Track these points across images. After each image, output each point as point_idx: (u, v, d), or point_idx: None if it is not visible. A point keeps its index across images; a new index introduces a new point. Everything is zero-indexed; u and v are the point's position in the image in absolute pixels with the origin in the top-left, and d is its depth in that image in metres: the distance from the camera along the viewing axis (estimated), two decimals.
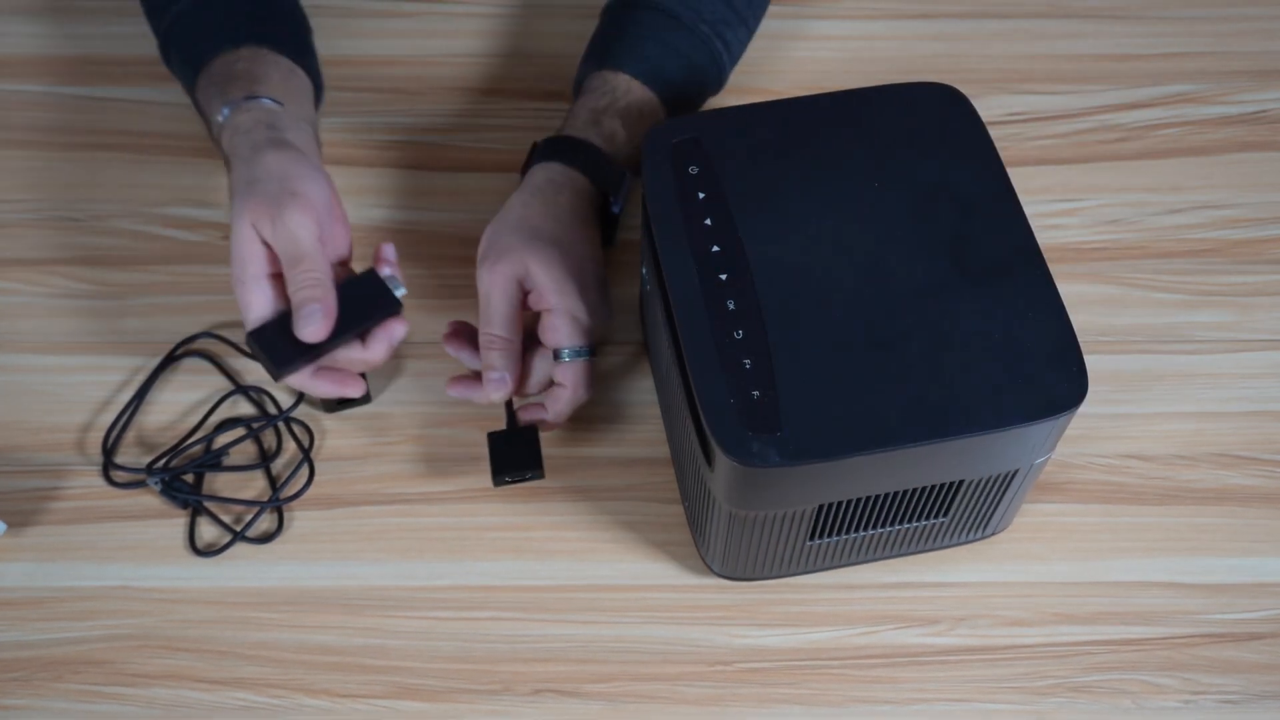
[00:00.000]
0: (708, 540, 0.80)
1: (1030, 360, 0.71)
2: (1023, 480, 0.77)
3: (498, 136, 1.01)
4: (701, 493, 0.77)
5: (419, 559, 0.85)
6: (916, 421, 0.69)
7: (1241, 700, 0.80)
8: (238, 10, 0.91)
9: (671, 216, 0.76)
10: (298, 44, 0.93)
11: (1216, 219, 0.98)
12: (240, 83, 0.87)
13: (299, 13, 0.96)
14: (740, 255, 0.74)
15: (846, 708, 0.80)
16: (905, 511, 0.77)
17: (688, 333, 0.72)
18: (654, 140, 0.79)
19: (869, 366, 0.70)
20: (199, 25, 0.91)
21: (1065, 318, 0.72)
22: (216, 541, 0.85)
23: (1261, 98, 1.04)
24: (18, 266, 0.95)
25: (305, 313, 0.79)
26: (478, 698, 0.80)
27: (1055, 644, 0.82)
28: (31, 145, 1.01)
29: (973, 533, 0.83)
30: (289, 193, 0.80)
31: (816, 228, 0.75)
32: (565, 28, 1.06)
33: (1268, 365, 0.92)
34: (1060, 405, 0.70)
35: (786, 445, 0.68)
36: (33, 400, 0.90)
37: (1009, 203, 0.76)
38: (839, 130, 0.79)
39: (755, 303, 0.72)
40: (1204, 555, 0.85)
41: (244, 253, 0.80)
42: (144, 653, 0.81)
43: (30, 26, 1.07)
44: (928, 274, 0.73)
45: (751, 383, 0.70)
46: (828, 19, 1.08)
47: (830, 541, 0.79)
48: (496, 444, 0.85)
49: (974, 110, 0.80)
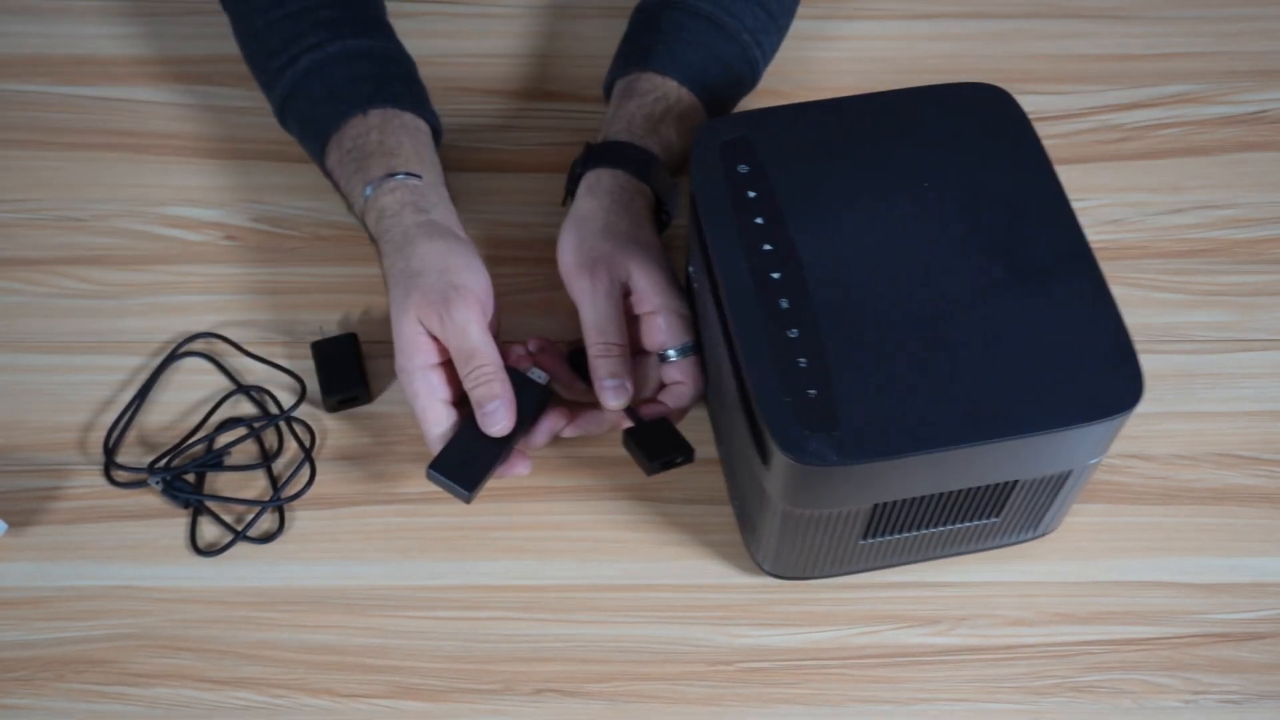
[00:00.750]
0: (760, 540, 0.80)
1: (1085, 360, 0.71)
2: (1075, 481, 0.77)
3: (498, 136, 1.01)
4: (755, 492, 0.77)
5: (420, 559, 0.85)
6: (974, 421, 0.69)
7: (1242, 700, 0.80)
8: (359, 72, 0.90)
9: (723, 215, 0.76)
10: (415, 93, 0.93)
11: (1217, 219, 0.98)
12: (377, 159, 0.87)
13: (403, 52, 0.95)
14: (792, 254, 0.74)
15: (846, 708, 0.80)
16: (959, 511, 0.77)
17: (742, 331, 0.72)
18: (703, 139, 0.79)
19: (924, 365, 0.71)
20: (321, 90, 0.90)
21: (1119, 318, 0.72)
22: (218, 541, 0.85)
23: (1262, 98, 1.04)
24: (18, 266, 0.95)
25: (489, 410, 0.80)
26: (479, 697, 0.80)
27: (1056, 644, 0.82)
28: (31, 145, 1.01)
29: (1023, 533, 0.83)
30: (453, 286, 0.80)
31: (866, 227, 0.75)
32: (570, 28, 1.06)
33: (1268, 365, 0.92)
34: (1117, 406, 0.70)
35: (844, 444, 0.68)
36: (34, 400, 0.90)
37: (1059, 203, 0.76)
38: (886, 129, 0.79)
39: (808, 301, 0.72)
40: (1205, 555, 0.85)
41: (412, 345, 0.81)
42: (145, 652, 0.81)
43: (30, 26, 1.07)
44: (980, 273, 0.73)
45: (807, 381, 0.70)
46: (827, 19, 1.08)
47: (883, 541, 0.79)
48: (639, 437, 0.83)
49: (1021, 110, 0.80)
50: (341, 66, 0.90)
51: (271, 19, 0.92)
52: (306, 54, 0.90)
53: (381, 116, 0.89)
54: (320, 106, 0.90)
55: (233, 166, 0.98)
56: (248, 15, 0.94)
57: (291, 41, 0.91)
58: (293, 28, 0.91)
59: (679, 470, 0.84)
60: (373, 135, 0.88)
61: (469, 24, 1.08)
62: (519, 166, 0.99)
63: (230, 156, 0.98)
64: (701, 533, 0.85)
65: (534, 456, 0.87)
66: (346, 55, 0.90)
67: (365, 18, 0.94)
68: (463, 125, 1.02)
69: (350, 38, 0.91)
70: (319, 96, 0.90)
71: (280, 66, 0.91)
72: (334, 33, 0.91)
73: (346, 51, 0.90)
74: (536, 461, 0.87)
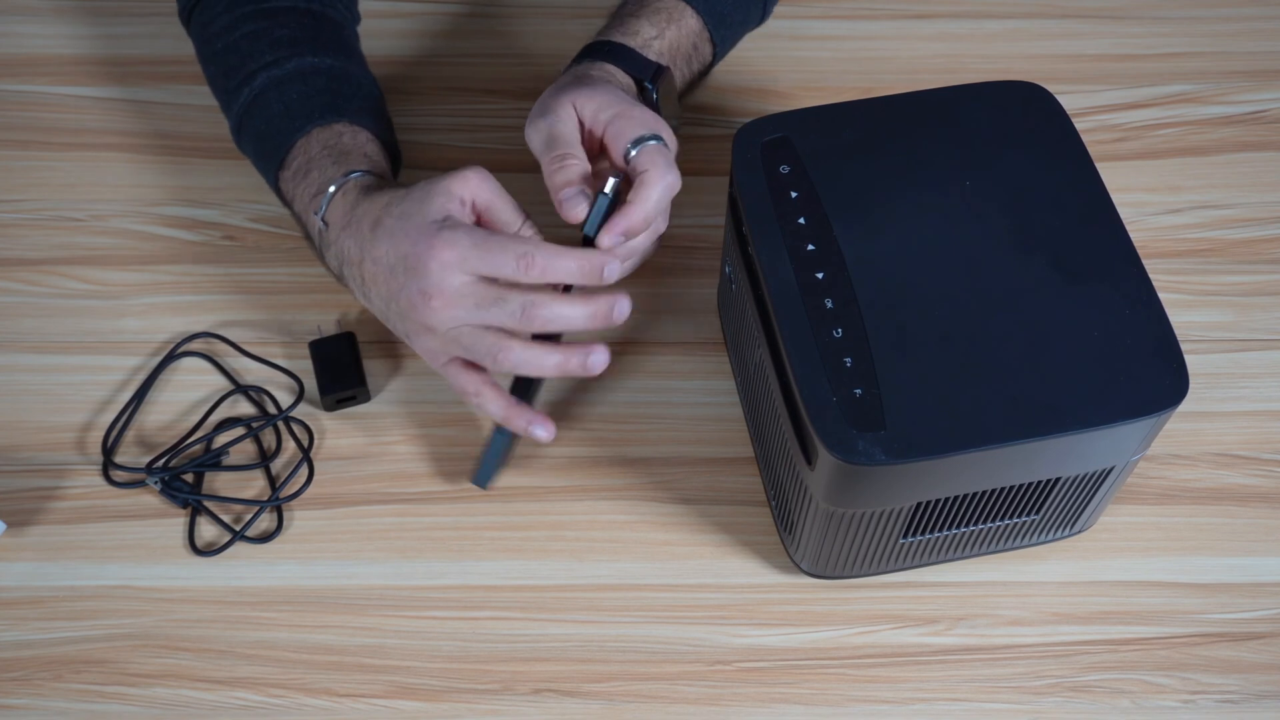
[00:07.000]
0: (799, 540, 0.80)
1: (1130, 358, 0.71)
2: (1115, 479, 0.77)
3: (497, 136, 1.02)
4: (797, 492, 0.77)
5: (419, 558, 0.85)
6: (1020, 418, 0.69)
7: (1240, 700, 0.80)
8: (316, 86, 0.88)
9: (766, 216, 0.76)
10: (373, 111, 0.90)
11: (1215, 219, 0.98)
12: (356, 156, 0.85)
13: (368, 76, 0.93)
14: (836, 253, 0.74)
15: (846, 707, 0.80)
16: (999, 509, 0.77)
17: (788, 331, 0.72)
18: (743, 139, 0.79)
19: (969, 363, 0.71)
20: (278, 106, 0.87)
21: (1163, 315, 0.73)
22: (216, 541, 0.85)
23: (1261, 98, 1.04)
24: (16, 267, 0.95)
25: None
26: (477, 697, 0.80)
27: (1054, 643, 0.82)
28: (31, 145, 1.01)
29: (1061, 531, 0.83)
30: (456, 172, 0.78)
31: (909, 226, 0.75)
32: (565, 28, 1.06)
33: (1266, 365, 0.92)
34: (1162, 403, 0.70)
35: (892, 443, 0.69)
36: (33, 400, 0.90)
37: (1101, 201, 0.77)
38: (927, 128, 0.79)
39: (853, 301, 0.73)
40: (1203, 555, 0.85)
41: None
42: (144, 652, 0.82)
43: (30, 26, 1.07)
44: (1022, 272, 0.74)
45: (853, 381, 0.70)
46: (827, 19, 1.08)
47: (923, 539, 0.79)
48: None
49: (1062, 108, 0.80)
50: (297, 83, 0.87)
51: (230, 41, 0.90)
52: (264, 71, 0.88)
53: (340, 131, 0.86)
54: (276, 121, 0.87)
55: (231, 166, 0.98)
56: (208, 40, 0.92)
57: (249, 59, 0.89)
58: (250, 47, 0.89)
59: (679, 471, 0.84)
60: (345, 139, 0.86)
61: (468, 24, 1.08)
62: (519, 166, 0.99)
63: (229, 156, 0.98)
64: (701, 533, 0.85)
65: (534, 456, 0.87)
66: (302, 73, 0.88)
67: (325, 39, 0.91)
68: (463, 125, 1.02)
69: (310, 56, 0.88)
70: (275, 112, 0.87)
71: (236, 85, 0.89)
72: (292, 50, 0.88)
73: (303, 69, 0.88)
74: (536, 461, 0.87)
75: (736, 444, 0.88)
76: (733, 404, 0.90)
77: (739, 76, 1.03)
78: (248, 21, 0.90)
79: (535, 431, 0.81)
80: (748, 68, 1.04)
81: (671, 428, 0.89)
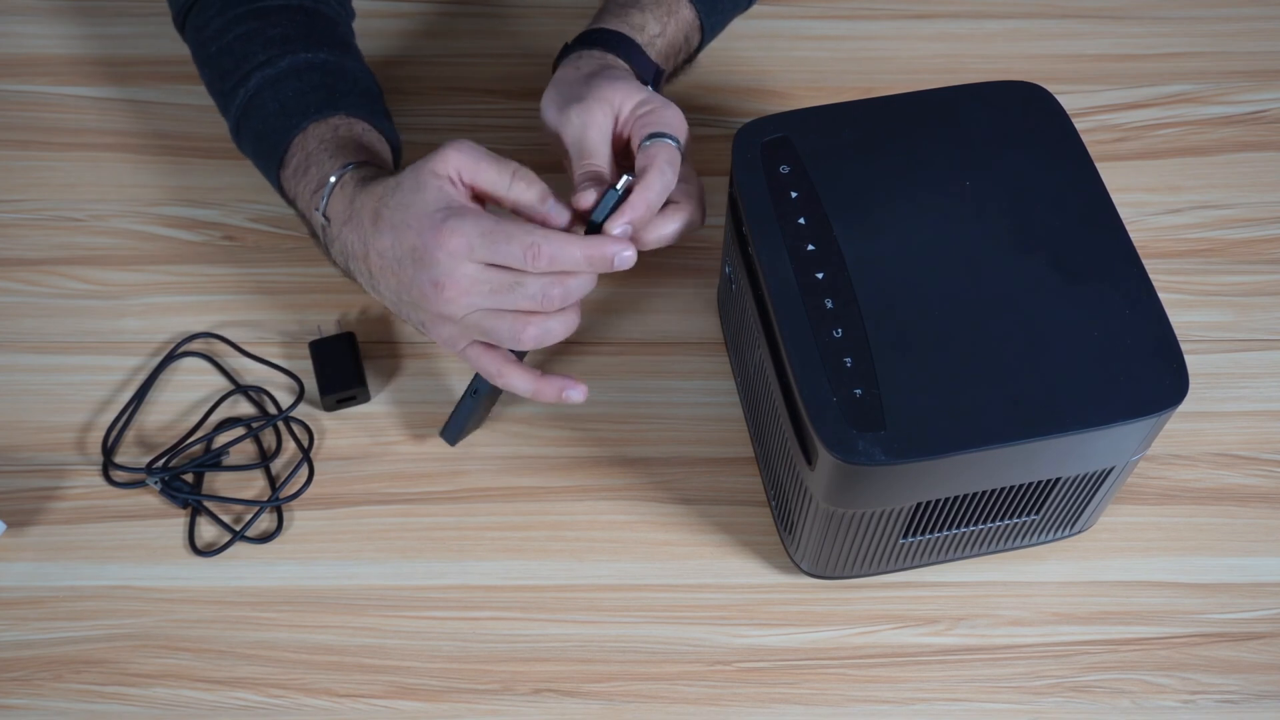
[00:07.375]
0: (799, 540, 0.80)
1: (1130, 358, 0.71)
2: (1115, 479, 0.77)
3: (497, 136, 1.01)
4: (797, 492, 0.77)
5: (419, 559, 0.85)
6: (1021, 418, 0.69)
7: (1240, 700, 0.80)
8: (312, 83, 0.88)
9: (766, 216, 0.76)
10: (371, 106, 0.90)
11: (1215, 219, 0.98)
12: (352, 148, 0.85)
13: (365, 70, 0.92)
14: (836, 254, 0.74)
15: (846, 707, 0.80)
16: (999, 509, 0.78)
17: (788, 332, 0.72)
18: (743, 139, 0.79)
19: (969, 363, 0.71)
20: (274, 104, 0.87)
21: (1163, 315, 0.73)
22: (216, 541, 0.85)
23: (1261, 98, 1.04)
24: (16, 267, 0.95)
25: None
26: (477, 697, 0.80)
27: (1054, 643, 0.82)
28: (31, 145, 1.01)
29: (1061, 531, 0.83)
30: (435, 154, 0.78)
31: (909, 226, 0.75)
32: (565, 27, 1.06)
33: (1266, 365, 0.92)
34: (1162, 403, 0.70)
35: (892, 443, 0.69)
36: (33, 400, 0.90)
37: (1101, 201, 0.77)
38: (927, 128, 0.79)
39: (853, 301, 0.73)
40: (1202, 555, 0.85)
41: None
42: (144, 652, 0.82)
43: (31, 26, 1.07)
44: (1022, 272, 0.74)
45: (853, 381, 0.70)
46: (827, 19, 1.08)
47: (923, 539, 0.79)
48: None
49: (1062, 109, 0.80)
50: (292, 80, 0.87)
51: (224, 43, 0.90)
52: (258, 70, 0.87)
53: (337, 124, 0.86)
54: (272, 120, 0.87)
55: (231, 166, 0.98)
56: (202, 44, 0.91)
57: (243, 60, 0.88)
58: (244, 48, 0.89)
59: (679, 471, 0.84)
60: (343, 130, 0.86)
61: (468, 24, 1.08)
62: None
63: (228, 156, 0.98)
64: (701, 533, 0.85)
65: (534, 456, 0.87)
66: (296, 69, 0.87)
67: (319, 35, 0.90)
68: (463, 125, 1.02)
69: (304, 52, 0.88)
70: (271, 111, 0.87)
71: (232, 87, 0.89)
72: (285, 49, 0.88)
73: (297, 66, 0.87)
74: (537, 461, 0.87)
75: (736, 444, 0.88)
76: (733, 404, 0.90)
77: (739, 76, 1.03)
78: (240, 23, 0.90)
79: (570, 395, 0.81)
80: (748, 68, 1.04)
81: (671, 428, 0.89)
